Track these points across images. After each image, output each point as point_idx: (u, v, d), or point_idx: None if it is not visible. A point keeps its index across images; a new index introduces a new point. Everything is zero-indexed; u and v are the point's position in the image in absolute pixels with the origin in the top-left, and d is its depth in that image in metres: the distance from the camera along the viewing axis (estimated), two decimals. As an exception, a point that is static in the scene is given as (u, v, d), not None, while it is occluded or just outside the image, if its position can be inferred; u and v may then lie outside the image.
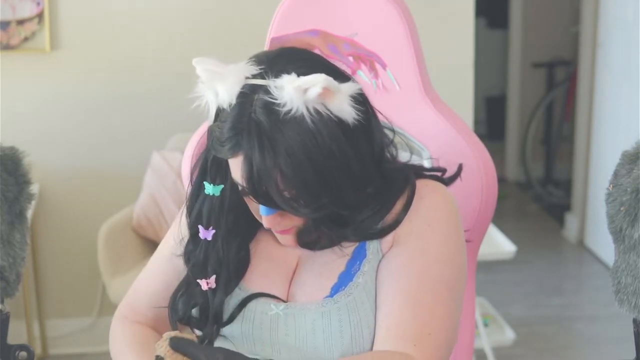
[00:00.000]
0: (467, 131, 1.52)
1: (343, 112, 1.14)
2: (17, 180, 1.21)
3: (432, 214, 1.24)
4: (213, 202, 1.25)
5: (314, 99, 1.11)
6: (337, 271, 1.25)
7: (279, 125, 1.11)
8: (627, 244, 1.25)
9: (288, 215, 1.20)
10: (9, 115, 3.14)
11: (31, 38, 3.11)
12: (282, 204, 1.15)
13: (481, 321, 2.86)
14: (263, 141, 1.12)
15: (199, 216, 1.27)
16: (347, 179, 1.15)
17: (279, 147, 1.11)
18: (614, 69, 4.14)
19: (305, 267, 1.28)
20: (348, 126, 1.15)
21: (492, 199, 1.49)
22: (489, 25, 6.45)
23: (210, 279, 1.26)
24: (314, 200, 1.15)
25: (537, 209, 5.27)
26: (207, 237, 1.26)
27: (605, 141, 4.25)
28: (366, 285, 1.22)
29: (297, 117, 1.11)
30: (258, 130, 1.12)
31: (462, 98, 3.31)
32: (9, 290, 1.17)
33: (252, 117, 1.12)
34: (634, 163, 1.27)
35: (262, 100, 1.13)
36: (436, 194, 1.26)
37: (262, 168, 1.12)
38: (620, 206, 1.24)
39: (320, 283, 1.24)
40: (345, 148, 1.14)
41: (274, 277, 1.28)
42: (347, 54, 1.35)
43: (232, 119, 1.14)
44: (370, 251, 1.25)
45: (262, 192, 1.14)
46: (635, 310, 1.26)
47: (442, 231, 1.23)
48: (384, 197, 1.24)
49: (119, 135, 3.24)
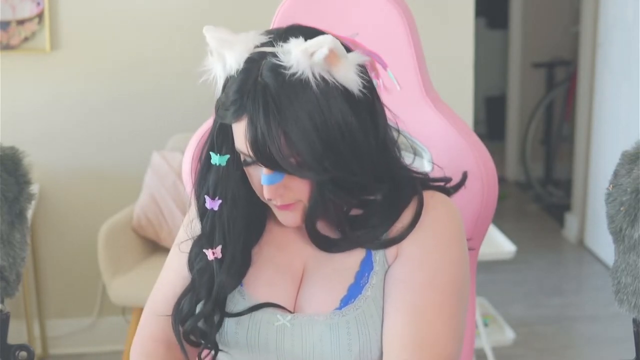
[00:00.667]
0: (467, 131, 1.53)
1: (349, 80, 1.14)
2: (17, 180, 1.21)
3: (437, 226, 1.23)
4: (220, 172, 1.23)
5: (320, 62, 1.11)
6: (346, 283, 1.23)
7: (284, 88, 1.11)
8: (627, 244, 1.25)
9: (291, 187, 1.18)
10: (9, 115, 3.14)
11: (31, 38, 3.11)
12: (286, 166, 1.13)
13: (481, 321, 2.86)
14: (268, 103, 1.11)
15: (205, 187, 1.25)
16: (350, 147, 1.15)
17: (284, 109, 1.11)
18: (614, 69, 4.14)
19: (313, 277, 1.25)
20: (353, 97, 1.14)
21: (492, 199, 1.49)
22: (489, 25, 6.45)
23: (217, 249, 1.24)
24: (317, 163, 1.13)
25: (537, 209, 5.27)
26: (214, 207, 1.24)
27: (605, 141, 4.25)
28: (375, 298, 1.21)
29: (303, 80, 1.11)
30: (264, 93, 1.12)
31: (462, 98, 3.31)
32: (9, 290, 1.17)
33: (258, 81, 1.12)
34: (634, 163, 1.27)
35: (269, 63, 1.13)
36: (441, 206, 1.25)
37: (266, 130, 1.11)
38: (620, 206, 1.24)
39: (329, 294, 1.22)
40: (348, 117, 1.14)
41: (279, 285, 1.26)
42: (348, 54, 1.35)
43: (238, 82, 1.14)
44: (377, 263, 1.23)
45: (265, 155, 1.13)
46: (635, 310, 1.26)
47: (446, 243, 1.23)
48: (392, 204, 1.23)
49: (119, 135, 3.24)
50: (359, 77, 1.15)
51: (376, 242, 1.23)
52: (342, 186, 1.18)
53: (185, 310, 1.26)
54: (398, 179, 1.24)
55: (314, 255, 1.26)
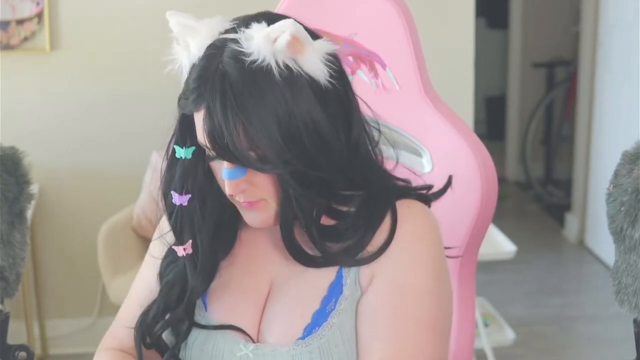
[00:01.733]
0: (467, 131, 1.52)
1: (315, 69, 1.08)
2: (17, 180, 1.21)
3: (415, 245, 1.15)
4: (186, 165, 1.16)
5: (283, 49, 1.05)
6: (311, 309, 1.15)
7: (244, 76, 1.05)
8: (627, 244, 1.25)
9: (254, 183, 1.11)
10: (8, 115, 3.14)
11: (31, 38, 3.11)
12: (244, 159, 1.07)
13: (481, 321, 2.86)
14: (226, 91, 1.05)
15: (171, 182, 1.18)
16: (315, 141, 1.08)
17: (243, 99, 1.05)
18: (614, 69, 4.14)
19: (278, 300, 1.18)
20: (320, 87, 1.08)
21: (492, 200, 1.49)
22: (489, 25, 6.44)
23: (187, 244, 1.17)
24: (278, 157, 1.06)
25: (537, 209, 5.26)
26: (183, 202, 1.16)
27: (605, 141, 4.25)
28: (341, 326, 1.14)
29: (265, 68, 1.05)
30: (222, 81, 1.06)
31: (462, 98, 3.31)
32: (8, 291, 1.16)
33: (218, 68, 1.06)
34: (634, 163, 1.26)
35: (230, 50, 1.07)
36: (418, 220, 1.17)
37: (223, 121, 1.05)
38: (620, 206, 1.24)
39: (293, 322, 1.15)
40: (314, 109, 1.07)
41: (243, 309, 1.19)
42: (347, 54, 1.34)
43: (198, 70, 1.08)
44: (347, 287, 1.15)
45: (223, 147, 1.06)
46: (635, 310, 1.26)
47: (425, 266, 1.14)
48: (367, 218, 1.15)
49: (119, 135, 3.24)
50: (326, 66, 1.09)
51: (352, 261, 1.15)
52: (308, 183, 1.10)
53: (151, 317, 1.20)
54: (374, 187, 1.17)
55: (282, 273, 1.19)
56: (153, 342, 1.20)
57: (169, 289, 1.20)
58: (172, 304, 1.20)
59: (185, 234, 1.19)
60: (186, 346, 1.19)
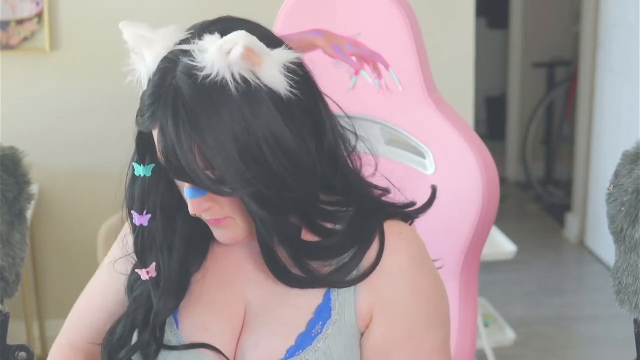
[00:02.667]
0: (469, 132, 1.52)
1: (274, 81, 1.01)
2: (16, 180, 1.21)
3: (414, 277, 1.11)
4: (145, 183, 1.11)
5: (238, 61, 0.99)
6: (295, 331, 1.09)
7: (197, 92, 0.99)
8: (627, 244, 1.25)
9: (218, 201, 1.05)
10: (8, 115, 3.14)
11: (31, 38, 3.11)
12: (200, 181, 1.01)
13: (481, 321, 2.86)
14: (178, 110, 0.99)
15: (132, 201, 1.13)
16: (280, 158, 1.01)
17: (197, 117, 0.99)
18: (615, 69, 4.14)
19: (257, 322, 1.12)
20: (282, 99, 1.01)
21: (493, 201, 1.49)
22: (489, 25, 6.44)
23: (150, 267, 1.12)
24: (236, 178, 1.00)
25: (537, 209, 5.26)
26: (143, 222, 1.12)
27: (606, 141, 4.25)
28: (327, 351, 1.08)
29: (219, 82, 0.99)
30: (174, 98, 1.00)
31: (462, 98, 3.30)
32: (8, 291, 1.16)
33: (171, 83, 1.00)
34: (634, 163, 1.26)
35: (184, 64, 1.01)
36: (412, 247, 1.13)
37: (176, 141, 0.99)
38: (620, 206, 1.24)
39: (275, 344, 1.09)
40: (276, 123, 1.01)
41: (216, 328, 1.13)
42: (350, 54, 1.34)
43: (152, 85, 1.03)
44: (335, 311, 1.09)
45: (179, 168, 1.01)
46: (635, 310, 1.25)
47: (427, 296, 1.12)
48: (356, 237, 1.10)
49: (119, 135, 3.24)
50: (288, 75, 1.02)
51: (341, 282, 1.10)
52: (274, 206, 1.03)
53: (118, 337, 1.15)
54: (359, 202, 1.12)
55: (260, 291, 1.14)
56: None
57: (135, 309, 1.16)
58: (139, 323, 1.15)
59: (148, 256, 1.14)
60: None
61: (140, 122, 1.05)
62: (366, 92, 1.48)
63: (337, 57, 1.33)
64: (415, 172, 1.50)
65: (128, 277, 1.19)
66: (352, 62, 1.32)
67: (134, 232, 1.15)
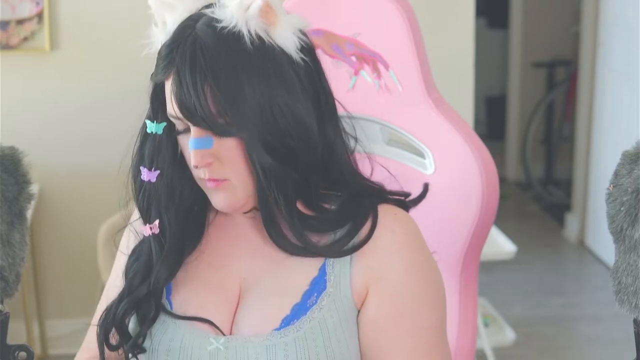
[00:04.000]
0: (469, 133, 1.52)
1: (287, 42, 1.08)
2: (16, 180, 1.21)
3: (409, 254, 1.14)
4: (156, 141, 1.14)
5: (255, 16, 1.05)
6: (290, 301, 1.12)
7: (215, 39, 1.05)
8: (627, 244, 1.25)
9: (221, 159, 1.08)
10: (8, 115, 3.14)
11: (31, 38, 3.11)
12: (210, 121, 1.05)
13: (481, 321, 2.86)
14: (195, 52, 1.05)
15: (141, 159, 1.16)
16: (285, 113, 1.07)
17: (213, 61, 1.04)
18: (615, 68, 4.14)
19: (252, 295, 1.14)
20: (292, 62, 1.08)
21: (493, 201, 1.49)
22: (489, 25, 6.44)
23: (154, 224, 1.14)
24: (245, 122, 1.05)
25: (537, 209, 5.26)
26: (151, 178, 1.14)
27: (606, 141, 4.25)
28: (322, 322, 1.10)
29: (236, 34, 1.06)
30: (193, 43, 1.05)
31: (462, 98, 3.30)
32: (8, 291, 1.16)
33: (191, 34, 1.06)
34: (634, 163, 1.26)
35: (205, 18, 1.08)
36: (410, 228, 1.16)
37: (191, 82, 1.04)
38: (620, 206, 1.24)
39: (270, 313, 1.12)
40: (285, 83, 1.07)
41: (211, 307, 1.14)
42: (350, 54, 1.34)
43: (171, 36, 1.09)
44: (331, 284, 1.12)
45: (191, 110, 1.05)
46: (635, 310, 1.25)
47: (423, 274, 1.14)
48: (349, 215, 1.13)
49: (119, 135, 3.24)
50: (298, 39, 1.08)
51: (337, 253, 1.13)
52: (279, 156, 1.08)
53: (112, 316, 1.17)
54: (354, 187, 1.15)
55: (254, 270, 1.16)
56: (120, 333, 1.17)
57: (133, 276, 1.18)
58: (135, 288, 1.16)
59: (152, 213, 1.16)
60: (152, 344, 1.15)
61: (156, 74, 1.10)
62: (366, 92, 1.48)
63: (337, 57, 1.34)
64: (415, 172, 1.50)
65: (126, 261, 1.21)
66: (352, 62, 1.32)
67: (139, 191, 1.17)
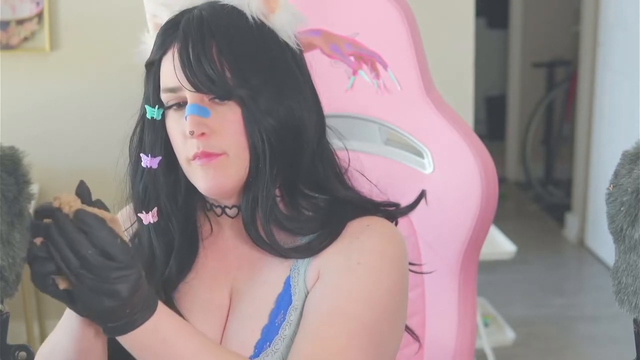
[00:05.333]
0: (468, 132, 1.52)
1: (284, 31, 1.11)
2: (17, 180, 1.21)
3: (366, 254, 1.09)
4: (155, 126, 1.13)
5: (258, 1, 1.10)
6: (260, 324, 1.09)
7: (220, 11, 1.09)
8: (627, 244, 1.25)
9: (217, 131, 1.07)
10: (8, 115, 3.14)
11: (31, 38, 3.11)
12: (218, 79, 1.05)
13: (481, 321, 2.86)
14: (202, 17, 1.08)
15: (140, 145, 1.16)
16: (279, 74, 1.09)
17: (218, 24, 1.07)
18: (615, 68, 4.14)
19: (234, 317, 1.12)
20: (288, 48, 1.11)
21: (492, 201, 1.49)
22: (489, 25, 6.44)
23: (152, 211, 1.12)
24: (245, 79, 1.06)
25: (537, 209, 5.26)
26: (153, 165, 1.12)
27: (606, 141, 4.25)
28: (294, 337, 1.07)
29: (239, 11, 1.10)
30: (199, 12, 1.09)
31: (462, 98, 3.31)
32: (8, 291, 1.16)
33: (193, 10, 1.10)
34: (634, 163, 1.26)
35: (206, 3, 1.12)
36: (375, 233, 1.11)
37: (197, 38, 1.06)
38: (620, 206, 1.24)
39: (245, 340, 1.09)
40: (279, 54, 1.10)
41: (201, 323, 1.12)
42: (349, 54, 1.34)
43: (169, 20, 1.11)
44: (296, 297, 1.10)
45: (195, 68, 1.05)
46: (635, 310, 1.25)
47: (372, 273, 1.07)
48: (326, 223, 1.11)
49: (119, 135, 3.24)
50: (293, 33, 1.12)
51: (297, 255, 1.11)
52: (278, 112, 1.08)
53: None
54: (338, 194, 1.13)
55: (240, 283, 1.14)
56: None
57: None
58: None
59: (151, 201, 1.14)
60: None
61: (154, 50, 1.12)
62: (364, 92, 1.48)
63: (335, 57, 1.33)
64: (414, 171, 1.50)
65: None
66: (351, 62, 1.32)
67: (138, 179, 1.16)
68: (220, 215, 1.17)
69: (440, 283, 1.49)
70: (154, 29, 1.16)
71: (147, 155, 1.13)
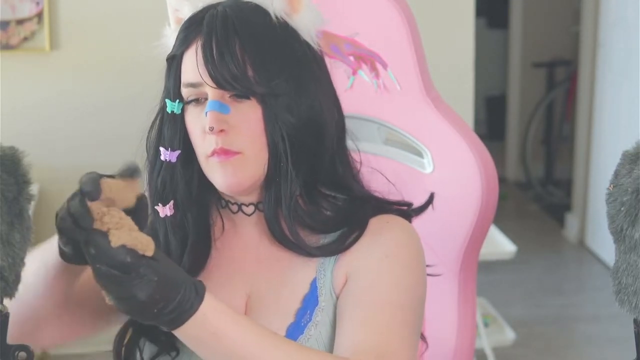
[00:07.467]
0: (468, 132, 1.52)
1: (306, 32, 1.12)
2: (17, 180, 1.21)
3: (392, 247, 1.12)
4: (175, 120, 1.12)
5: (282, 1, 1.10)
6: (285, 323, 1.10)
7: (244, 9, 1.10)
8: (627, 244, 1.25)
9: (236, 128, 1.07)
10: (8, 115, 3.14)
11: (31, 38, 3.11)
12: (240, 76, 1.05)
13: (481, 321, 2.86)
14: (226, 14, 1.08)
15: (159, 139, 1.16)
16: (301, 73, 1.10)
17: (242, 21, 1.08)
18: (615, 69, 4.14)
19: (255, 314, 1.12)
20: (308, 45, 1.12)
21: (492, 201, 1.49)
22: (489, 25, 6.45)
23: (169, 204, 1.12)
24: (267, 78, 1.06)
25: (537, 209, 5.26)
26: (172, 158, 1.11)
27: (606, 141, 4.25)
28: (319, 338, 1.09)
29: (262, 10, 1.10)
30: (223, 9, 1.09)
31: (462, 98, 3.31)
32: (8, 291, 1.16)
33: (217, 6, 1.10)
34: (634, 163, 1.26)
35: (228, 0, 1.12)
36: (397, 228, 1.15)
37: (221, 35, 1.06)
38: (620, 206, 1.24)
39: None
40: (301, 54, 1.11)
41: None
42: (349, 54, 1.34)
43: (195, 13, 1.12)
44: (322, 298, 1.10)
45: (217, 61, 1.05)
46: (635, 310, 1.25)
47: (401, 262, 1.11)
48: (347, 221, 1.13)
49: (119, 135, 3.24)
50: (315, 33, 1.13)
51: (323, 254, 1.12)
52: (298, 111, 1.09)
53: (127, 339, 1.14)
54: (355, 194, 1.15)
55: (258, 287, 1.14)
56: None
57: None
58: None
59: (168, 195, 1.13)
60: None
61: (176, 47, 1.11)
62: (364, 91, 1.48)
63: (335, 57, 1.34)
64: (414, 171, 1.50)
65: None
66: (350, 61, 1.32)
67: (156, 172, 1.15)
68: (236, 213, 1.17)
69: (440, 283, 1.49)
70: (176, 23, 1.15)
71: (167, 149, 1.13)
